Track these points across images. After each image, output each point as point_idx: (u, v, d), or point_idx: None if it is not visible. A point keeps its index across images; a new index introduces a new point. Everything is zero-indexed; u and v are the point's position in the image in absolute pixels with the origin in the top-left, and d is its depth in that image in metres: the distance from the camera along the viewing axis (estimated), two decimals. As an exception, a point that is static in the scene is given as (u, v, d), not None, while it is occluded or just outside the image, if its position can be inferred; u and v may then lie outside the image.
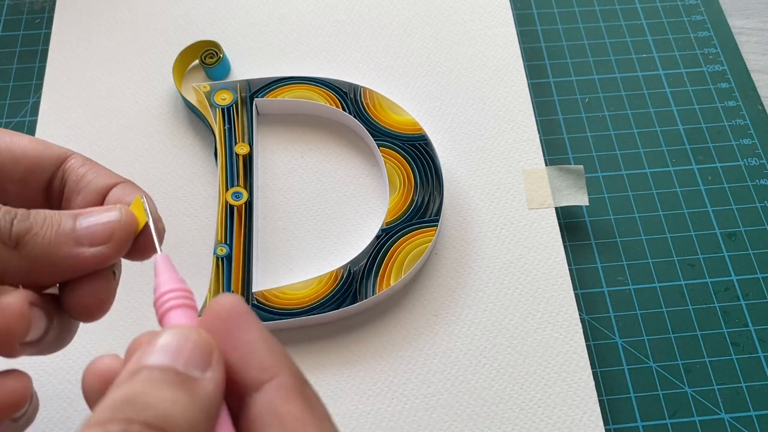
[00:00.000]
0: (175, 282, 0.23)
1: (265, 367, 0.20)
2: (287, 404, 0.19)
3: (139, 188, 0.29)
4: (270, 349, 0.20)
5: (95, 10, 0.49)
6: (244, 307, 0.21)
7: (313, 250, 0.40)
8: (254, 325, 0.21)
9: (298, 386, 0.20)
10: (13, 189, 0.29)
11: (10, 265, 0.24)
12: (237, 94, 0.43)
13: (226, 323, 0.21)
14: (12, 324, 0.23)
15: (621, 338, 0.39)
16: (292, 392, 0.20)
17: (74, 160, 0.29)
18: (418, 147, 0.42)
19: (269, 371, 0.20)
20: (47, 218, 0.25)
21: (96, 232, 0.25)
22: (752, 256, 0.41)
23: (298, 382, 0.20)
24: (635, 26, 0.50)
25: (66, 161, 0.29)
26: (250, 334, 0.20)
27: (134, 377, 0.19)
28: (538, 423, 0.35)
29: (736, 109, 0.46)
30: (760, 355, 0.38)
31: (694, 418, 0.36)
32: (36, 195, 0.29)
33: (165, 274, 0.23)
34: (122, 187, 0.28)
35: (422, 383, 0.37)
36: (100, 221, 0.25)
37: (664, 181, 0.44)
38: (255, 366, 0.20)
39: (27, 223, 0.25)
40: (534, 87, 0.47)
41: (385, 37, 0.48)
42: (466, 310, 0.38)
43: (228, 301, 0.21)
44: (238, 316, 0.21)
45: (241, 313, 0.21)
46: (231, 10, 0.49)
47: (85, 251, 0.25)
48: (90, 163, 0.29)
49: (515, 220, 0.41)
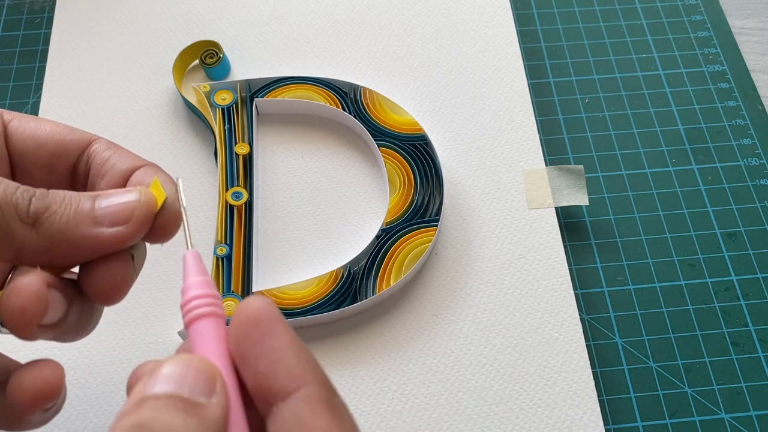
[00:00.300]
0: (204, 286, 0.22)
1: (294, 376, 0.20)
2: (314, 416, 0.19)
3: (162, 170, 0.28)
4: (298, 356, 0.20)
5: (95, 10, 0.49)
6: (273, 311, 0.21)
7: (313, 250, 0.40)
8: (283, 331, 0.20)
9: (327, 397, 0.19)
10: (39, 175, 0.29)
11: (27, 242, 0.24)
12: (237, 94, 0.43)
13: (256, 329, 0.20)
14: (28, 304, 0.23)
15: (621, 338, 0.39)
16: (319, 404, 0.19)
17: (98, 144, 0.29)
18: (418, 147, 0.42)
19: (297, 380, 0.20)
20: (66, 197, 0.25)
21: (115, 213, 0.25)
22: (752, 256, 0.41)
23: (326, 392, 0.20)
24: (635, 26, 0.50)
25: (90, 145, 0.29)
26: (280, 340, 0.20)
27: (141, 406, 0.19)
28: (538, 423, 0.35)
29: (736, 109, 0.46)
30: (760, 355, 0.38)
31: (694, 418, 0.36)
32: (61, 180, 0.29)
33: (194, 277, 0.23)
34: (145, 170, 0.28)
35: (422, 383, 0.37)
36: (119, 201, 0.25)
37: (664, 181, 0.44)
38: (283, 374, 0.20)
39: (45, 201, 0.24)
40: (534, 87, 0.47)
41: (385, 37, 0.48)
42: (466, 310, 0.38)
43: (257, 305, 0.21)
44: (268, 321, 0.20)
45: (271, 318, 0.21)
46: (231, 10, 0.49)
47: (104, 231, 0.25)
48: (114, 147, 0.29)
49: (515, 220, 0.41)
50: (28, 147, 0.28)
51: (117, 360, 0.37)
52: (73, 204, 0.25)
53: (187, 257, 0.24)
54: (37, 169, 0.29)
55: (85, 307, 0.26)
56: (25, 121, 0.29)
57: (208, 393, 0.19)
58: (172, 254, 0.40)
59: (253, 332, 0.20)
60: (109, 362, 0.37)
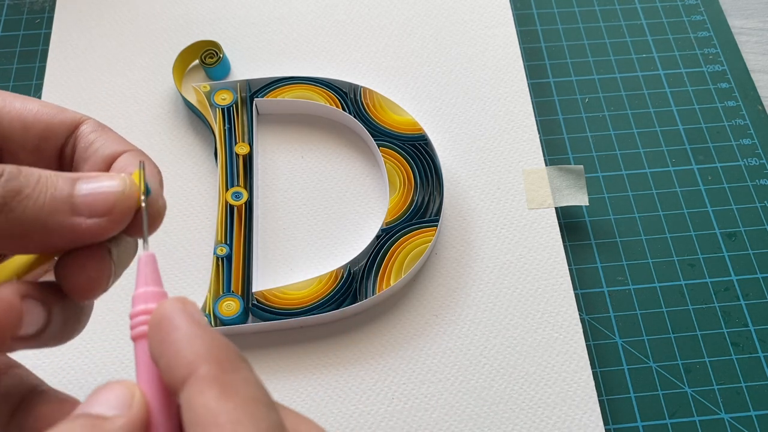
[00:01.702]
0: (154, 298, 0.21)
1: (186, 363, 0.19)
2: (200, 396, 0.18)
3: (148, 157, 0.26)
4: (191, 342, 0.19)
5: (95, 10, 0.49)
6: (174, 307, 0.20)
7: (313, 250, 0.40)
8: (181, 323, 0.20)
9: (217, 374, 0.18)
10: (26, 158, 0.27)
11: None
12: (237, 94, 0.43)
13: (159, 330, 0.20)
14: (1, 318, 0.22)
15: (621, 338, 0.39)
16: (207, 383, 0.18)
17: (86, 126, 0.27)
18: (418, 147, 0.42)
19: (189, 366, 0.19)
20: (42, 179, 0.23)
21: (95, 202, 0.23)
22: (752, 256, 0.41)
23: (217, 370, 0.19)
24: (635, 26, 0.50)
25: (79, 127, 0.27)
26: (176, 333, 0.20)
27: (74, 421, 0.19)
28: (538, 423, 0.35)
29: (736, 109, 0.46)
30: (760, 355, 0.38)
31: (694, 418, 0.36)
32: (49, 163, 0.27)
33: (144, 287, 0.22)
34: (129, 155, 0.26)
35: (422, 383, 0.37)
36: (100, 190, 0.23)
37: (664, 181, 0.44)
38: (178, 365, 0.19)
39: (16, 183, 0.22)
40: (534, 87, 0.47)
41: (385, 37, 0.48)
42: (466, 310, 0.38)
43: (161, 308, 0.20)
44: (168, 318, 0.20)
45: (171, 314, 0.20)
46: (231, 10, 0.49)
47: (82, 222, 0.22)
48: (101, 129, 0.27)
49: (515, 220, 0.41)
50: (14, 129, 0.26)
51: (117, 360, 0.37)
52: (49, 188, 0.22)
53: (141, 262, 0.22)
54: (26, 153, 0.27)
55: (70, 310, 0.25)
56: (9, 101, 0.27)
57: (119, 408, 0.19)
58: (172, 252, 0.40)
59: (157, 334, 0.20)
60: (110, 362, 0.37)
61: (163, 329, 0.20)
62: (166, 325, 0.20)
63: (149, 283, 0.22)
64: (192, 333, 0.19)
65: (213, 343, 0.19)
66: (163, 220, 0.25)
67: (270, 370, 0.37)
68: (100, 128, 0.27)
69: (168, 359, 0.19)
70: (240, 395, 0.18)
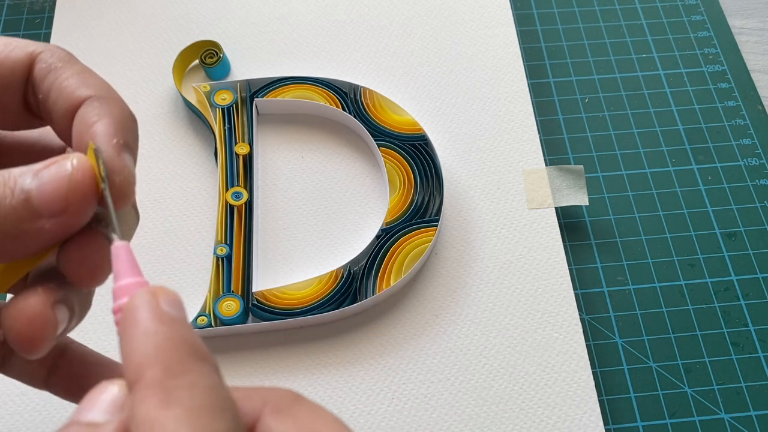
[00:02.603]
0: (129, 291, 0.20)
1: (135, 366, 0.18)
2: (142, 404, 0.17)
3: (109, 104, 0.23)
4: (142, 342, 0.18)
5: (95, 10, 0.49)
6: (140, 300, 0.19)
7: (313, 250, 0.40)
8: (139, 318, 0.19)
9: (160, 380, 0.17)
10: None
11: None
12: (237, 94, 0.43)
13: (122, 328, 0.19)
14: (35, 333, 0.21)
15: (621, 338, 0.39)
16: (150, 389, 0.17)
17: (39, 67, 0.24)
18: (418, 147, 0.42)
19: (137, 370, 0.18)
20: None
21: (50, 200, 0.20)
22: (752, 256, 0.41)
23: (162, 374, 0.17)
24: (635, 26, 0.50)
25: (32, 68, 0.24)
26: (132, 330, 0.19)
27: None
28: (538, 423, 0.35)
29: (736, 109, 0.46)
30: (760, 355, 0.38)
31: (694, 418, 0.36)
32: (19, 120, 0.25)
33: (123, 278, 0.20)
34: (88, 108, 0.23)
35: (422, 383, 0.37)
36: (49, 185, 0.21)
37: (664, 181, 0.44)
38: (128, 368, 0.18)
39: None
40: (534, 87, 0.47)
41: (385, 37, 0.48)
42: (466, 310, 0.38)
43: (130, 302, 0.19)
44: (130, 314, 0.19)
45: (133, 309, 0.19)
46: (231, 10, 0.49)
47: (44, 224, 0.20)
48: (55, 70, 0.23)
49: (515, 220, 0.41)
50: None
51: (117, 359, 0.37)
52: (6, 195, 0.20)
53: (114, 253, 0.21)
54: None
55: (82, 296, 0.24)
56: None
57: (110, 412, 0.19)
58: (172, 252, 0.40)
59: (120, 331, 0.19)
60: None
61: (126, 325, 0.19)
62: (128, 320, 0.19)
63: (127, 275, 0.20)
64: (147, 330, 0.18)
65: (165, 343, 0.18)
66: (133, 193, 0.22)
67: (270, 370, 0.37)
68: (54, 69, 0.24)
69: (124, 360, 0.18)
70: (183, 404, 0.17)
